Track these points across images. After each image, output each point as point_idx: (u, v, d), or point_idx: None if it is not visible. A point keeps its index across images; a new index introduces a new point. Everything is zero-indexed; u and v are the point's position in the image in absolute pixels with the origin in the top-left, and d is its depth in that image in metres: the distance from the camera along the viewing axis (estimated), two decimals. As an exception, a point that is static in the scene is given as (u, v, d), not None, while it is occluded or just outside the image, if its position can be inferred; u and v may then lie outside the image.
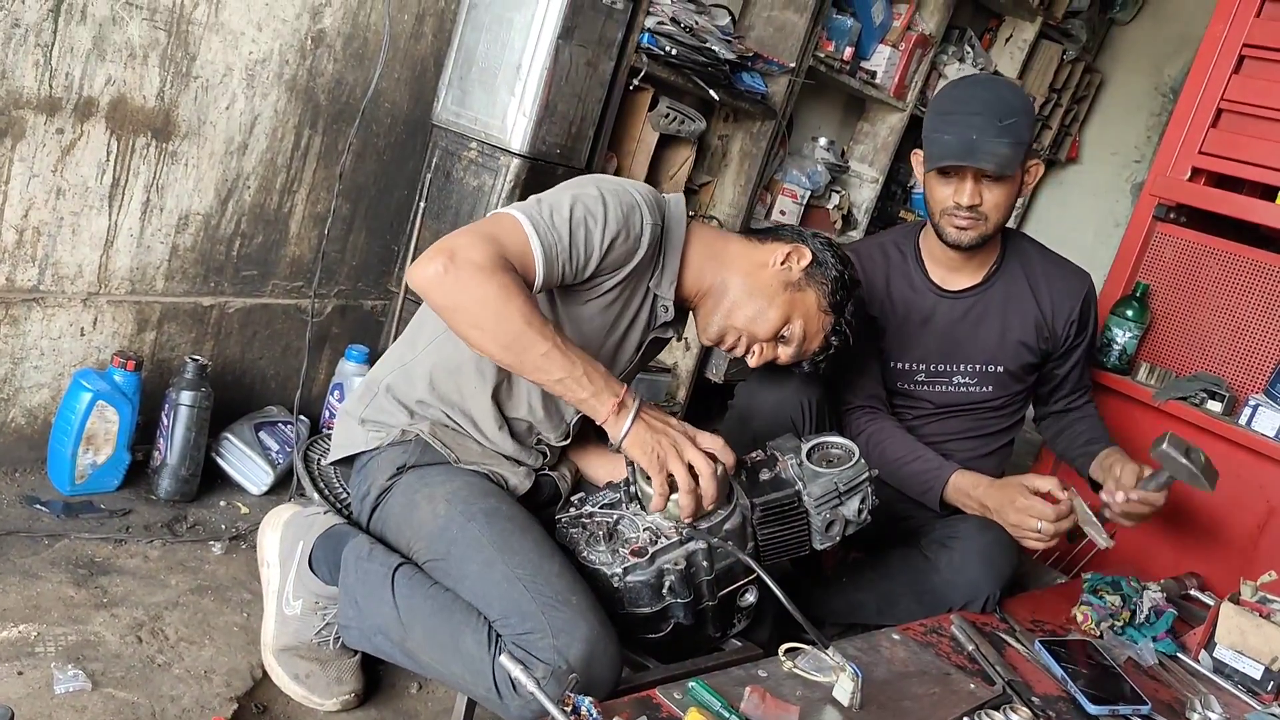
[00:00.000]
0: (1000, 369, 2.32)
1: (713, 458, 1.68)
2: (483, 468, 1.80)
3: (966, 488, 2.18)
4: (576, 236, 1.69)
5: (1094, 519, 2.10)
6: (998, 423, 2.40)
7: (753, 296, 1.86)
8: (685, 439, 1.68)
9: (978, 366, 2.31)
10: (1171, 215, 3.16)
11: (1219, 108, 3.01)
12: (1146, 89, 5.24)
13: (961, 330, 2.30)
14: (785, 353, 1.89)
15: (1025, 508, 2.08)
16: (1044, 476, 2.14)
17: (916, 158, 2.25)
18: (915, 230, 2.38)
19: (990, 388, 2.32)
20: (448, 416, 1.83)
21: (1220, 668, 2.10)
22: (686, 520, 1.67)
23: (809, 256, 1.88)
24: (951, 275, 2.31)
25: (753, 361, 1.90)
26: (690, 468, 1.66)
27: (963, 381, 2.32)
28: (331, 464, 1.95)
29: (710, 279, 1.88)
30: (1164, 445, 2.09)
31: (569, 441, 1.95)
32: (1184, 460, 2.08)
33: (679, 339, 2.01)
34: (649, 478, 1.67)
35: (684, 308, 1.94)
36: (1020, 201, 5.43)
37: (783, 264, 1.87)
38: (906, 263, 2.34)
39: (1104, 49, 5.41)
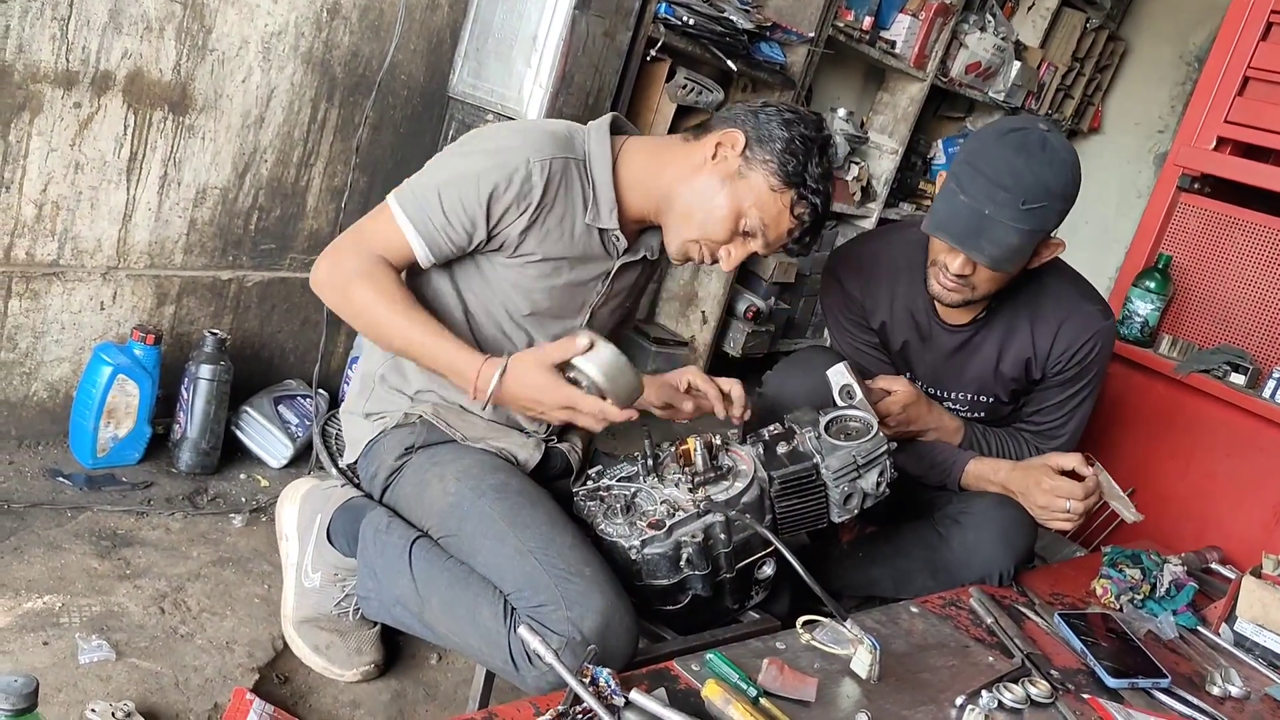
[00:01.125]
0: (991, 399, 2.24)
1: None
2: (491, 445, 1.80)
3: (986, 474, 2.15)
4: (449, 205, 1.68)
5: (1120, 493, 2.08)
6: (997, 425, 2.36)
7: (696, 201, 1.76)
8: (565, 411, 1.65)
9: (969, 395, 2.24)
10: (1196, 185, 3.12)
11: (1246, 76, 2.97)
12: (1171, 57, 5.17)
13: (955, 361, 2.20)
14: (756, 245, 1.79)
15: (1052, 488, 2.04)
16: (1067, 454, 2.09)
17: (941, 178, 2.07)
18: (924, 246, 2.12)
19: (983, 413, 2.27)
20: (444, 399, 1.84)
21: (1241, 641, 2.09)
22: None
23: (741, 139, 1.74)
24: (954, 312, 2.13)
25: (725, 265, 1.81)
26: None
27: (954, 406, 2.26)
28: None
29: (655, 195, 1.80)
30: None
31: None
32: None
33: (653, 256, 1.91)
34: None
35: (651, 227, 1.88)
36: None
37: (714, 157, 1.75)
38: (915, 284, 2.14)
39: (1128, 16, 5.33)
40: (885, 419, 2.00)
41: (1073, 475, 2.05)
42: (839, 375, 1.93)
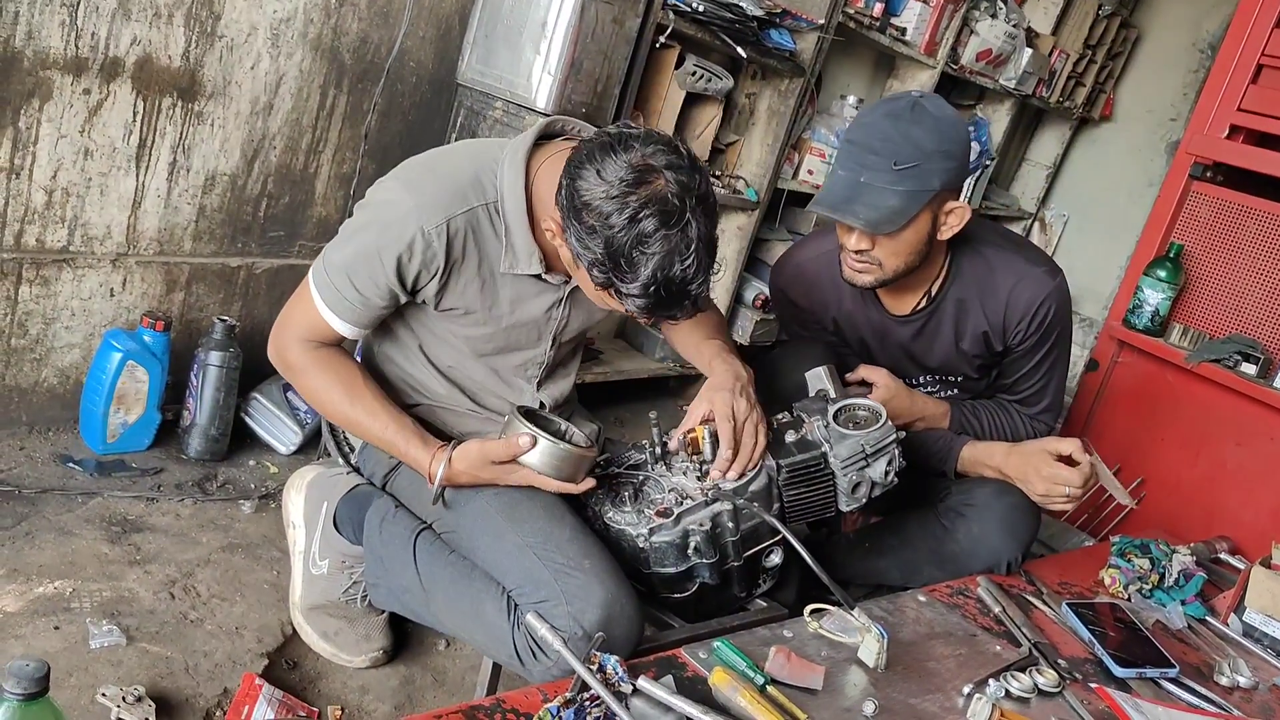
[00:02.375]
0: (959, 378, 2.23)
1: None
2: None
3: (981, 458, 2.15)
4: (361, 284, 1.61)
5: (1113, 477, 2.07)
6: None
7: (574, 276, 1.63)
8: (503, 473, 1.63)
9: (936, 376, 2.24)
10: (1208, 174, 3.10)
11: (1260, 63, 2.95)
12: (1184, 45, 5.12)
13: (915, 349, 2.19)
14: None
15: (1051, 475, 2.04)
16: (1065, 439, 2.09)
17: None
18: None
19: (955, 391, 2.27)
20: (436, 403, 1.83)
21: (1250, 631, 2.09)
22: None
23: (556, 227, 1.53)
24: (898, 298, 2.12)
25: (644, 321, 1.61)
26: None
27: (925, 385, 2.26)
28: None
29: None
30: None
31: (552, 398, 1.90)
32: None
33: None
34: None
35: None
36: (1047, 172, 5.40)
37: (554, 239, 1.56)
38: (854, 288, 2.09)
39: (1141, 3, 5.28)
40: None
41: (1069, 461, 2.05)
42: (816, 379, 1.91)
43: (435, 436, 1.73)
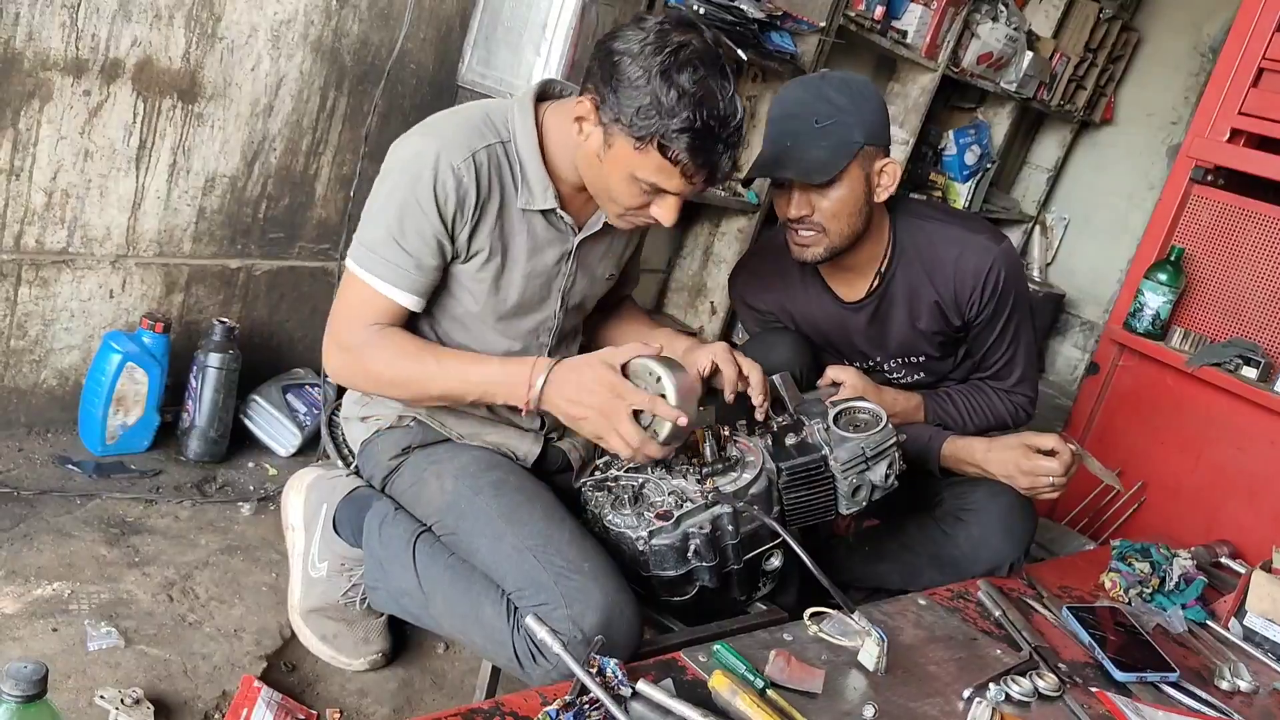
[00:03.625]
0: (921, 358, 2.22)
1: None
2: (488, 441, 1.80)
3: (962, 456, 2.14)
4: (409, 243, 1.63)
5: (1100, 465, 2.07)
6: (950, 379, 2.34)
7: (593, 179, 1.65)
8: (613, 399, 1.57)
9: (899, 359, 2.23)
10: (1209, 177, 3.10)
11: (1260, 67, 2.95)
12: (1185, 48, 5.13)
13: (873, 334, 2.18)
14: (672, 198, 1.62)
15: (1033, 469, 2.03)
16: (1043, 434, 2.07)
17: None
18: None
19: (921, 374, 2.25)
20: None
21: (1250, 635, 2.09)
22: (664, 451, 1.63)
23: (590, 106, 1.58)
24: (849, 285, 2.13)
25: (664, 223, 1.65)
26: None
27: (893, 369, 2.25)
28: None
29: (575, 169, 1.69)
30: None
31: None
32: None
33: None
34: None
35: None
36: (1048, 175, 5.40)
37: (580, 132, 1.62)
38: (805, 280, 2.16)
39: (1142, 7, 5.29)
40: None
41: (1050, 454, 2.04)
42: (779, 388, 1.90)
43: (434, 442, 1.75)
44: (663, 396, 1.58)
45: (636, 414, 1.58)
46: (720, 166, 1.58)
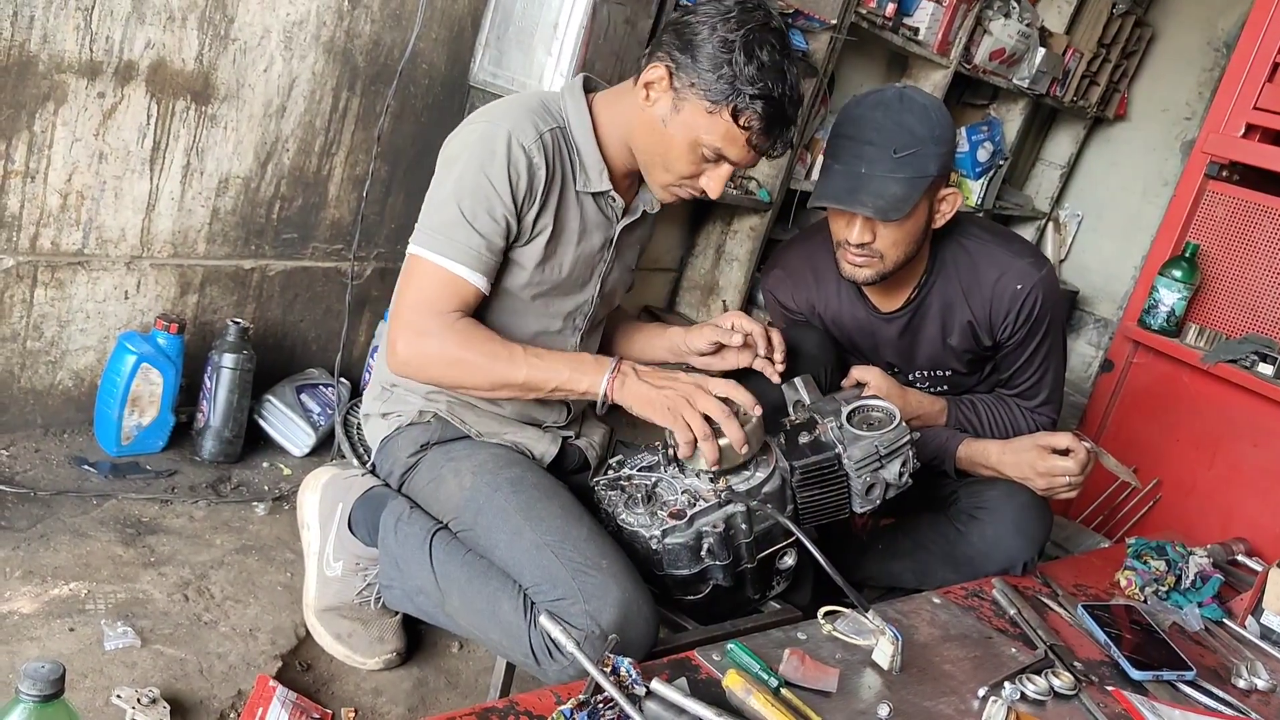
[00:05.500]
0: (948, 372, 2.22)
1: (730, 402, 1.66)
2: (506, 439, 1.80)
3: (977, 458, 2.13)
4: (480, 224, 1.65)
5: (1116, 462, 2.05)
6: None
7: (652, 146, 1.71)
8: (695, 387, 1.64)
9: (926, 372, 2.23)
10: (1224, 173, 3.09)
11: (1276, 62, 2.93)
12: (1199, 43, 5.10)
13: (903, 345, 2.18)
14: (727, 168, 1.70)
15: (1049, 469, 2.03)
16: (1057, 433, 2.07)
17: None
18: None
19: (945, 388, 2.25)
20: (459, 398, 1.84)
21: (1267, 634, 2.08)
22: (714, 468, 1.65)
23: (663, 72, 1.65)
24: (885, 296, 2.12)
25: (711, 194, 1.73)
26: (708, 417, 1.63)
27: (918, 381, 2.25)
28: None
29: (627, 146, 1.76)
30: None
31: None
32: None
33: (653, 210, 1.89)
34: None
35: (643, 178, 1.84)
36: (1061, 171, 5.37)
37: (647, 99, 1.68)
38: (840, 287, 2.15)
39: (1155, 2, 5.26)
40: None
41: (1065, 453, 2.04)
42: (791, 391, 1.90)
43: (452, 439, 1.79)
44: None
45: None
46: (783, 139, 1.67)
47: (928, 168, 1.85)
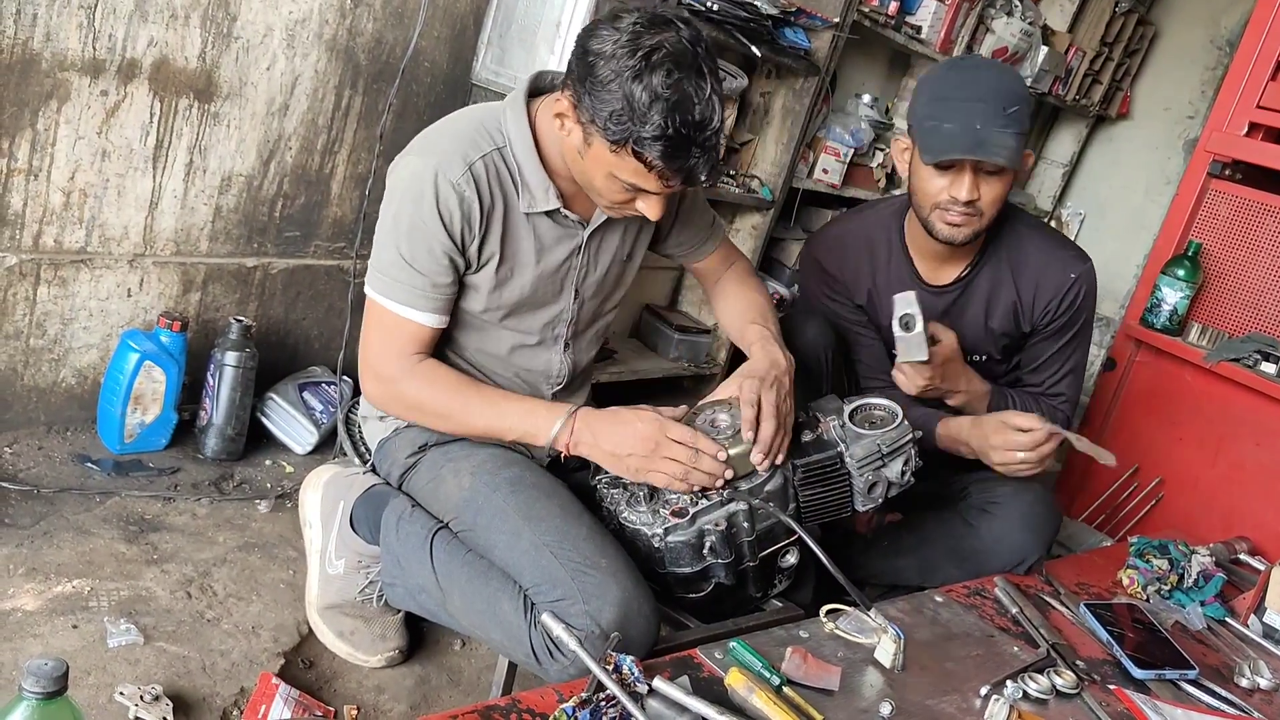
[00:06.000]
0: (983, 357, 2.23)
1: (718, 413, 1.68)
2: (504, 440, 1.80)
3: (954, 434, 2.13)
4: (421, 264, 1.64)
5: (1090, 443, 2.02)
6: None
7: (578, 173, 1.64)
8: (653, 443, 1.63)
9: (966, 357, 2.21)
10: (1226, 172, 3.08)
11: (1279, 60, 2.92)
12: (1202, 42, 5.09)
13: (945, 323, 2.18)
14: (654, 196, 1.60)
15: (1004, 443, 2.02)
16: (1024, 414, 2.04)
17: (899, 146, 2.09)
18: (900, 215, 2.22)
19: (980, 374, 2.26)
20: None
21: (1270, 633, 2.08)
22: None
23: (568, 105, 1.55)
24: (937, 269, 2.18)
25: (650, 216, 1.63)
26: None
27: None
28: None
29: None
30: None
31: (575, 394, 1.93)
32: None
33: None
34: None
35: None
36: (1063, 170, 5.37)
37: (562, 129, 1.59)
38: (893, 254, 2.20)
39: (1158, 0, 5.25)
40: (928, 365, 2.01)
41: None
42: (905, 303, 1.94)
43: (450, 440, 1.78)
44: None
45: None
46: (697, 170, 1.53)
47: (1026, 123, 1.94)
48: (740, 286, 2.06)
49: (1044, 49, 4.51)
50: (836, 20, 3.25)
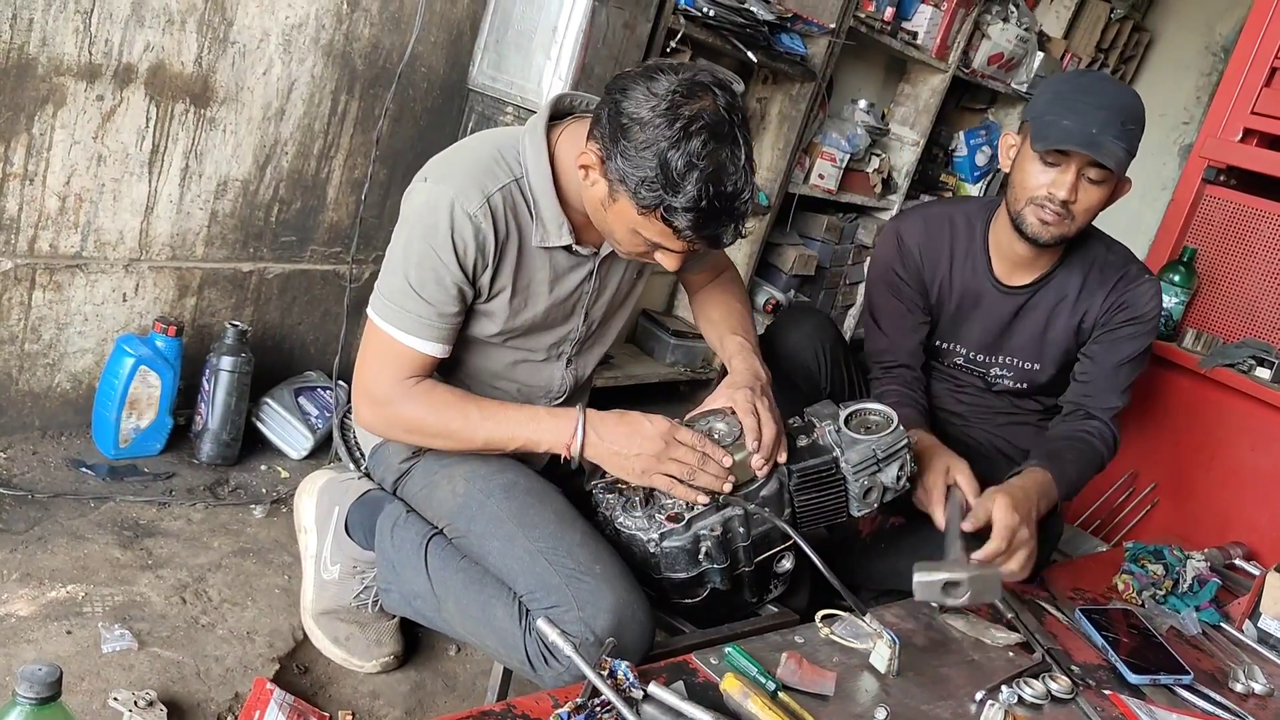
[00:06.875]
0: (1036, 367, 2.24)
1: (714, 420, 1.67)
2: None
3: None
4: (429, 294, 1.62)
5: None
6: (1026, 417, 2.34)
7: (599, 221, 1.62)
8: (661, 446, 1.62)
9: (1015, 362, 2.25)
10: (1221, 177, 3.09)
11: (1274, 66, 2.93)
12: (1197, 48, 5.11)
13: (1000, 325, 2.23)
14: (670, 253, 1.58)
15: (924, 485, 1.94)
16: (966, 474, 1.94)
17: (1006, 142, 2.11)
18: (988, 210, 2.24)
19: (1025, 384, 2.27)
20: None
21: (1265, 638, 2.08)
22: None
23: (595, 160, 1.53)
24: (1013, 270, 2.20)
25: (668, 267, 1.62)
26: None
27: (1000, 375, 2.26)
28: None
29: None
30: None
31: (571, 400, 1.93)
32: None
33: None
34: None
35: None
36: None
37: (586, 179, 1.57)
38: (973, 245, 2.23)
39: (1153, 7, 5.27)
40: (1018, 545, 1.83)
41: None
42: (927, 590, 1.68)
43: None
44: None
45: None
46: (723, 236, 1.53)
47: (1135, 146, 1.97)
48: (723, 294, 2.05)
49: (1040, 55, 4.53)
50: (833, 26, 3.26)
